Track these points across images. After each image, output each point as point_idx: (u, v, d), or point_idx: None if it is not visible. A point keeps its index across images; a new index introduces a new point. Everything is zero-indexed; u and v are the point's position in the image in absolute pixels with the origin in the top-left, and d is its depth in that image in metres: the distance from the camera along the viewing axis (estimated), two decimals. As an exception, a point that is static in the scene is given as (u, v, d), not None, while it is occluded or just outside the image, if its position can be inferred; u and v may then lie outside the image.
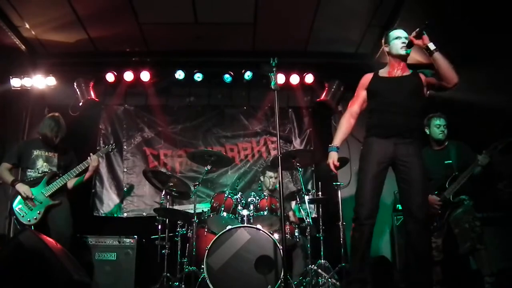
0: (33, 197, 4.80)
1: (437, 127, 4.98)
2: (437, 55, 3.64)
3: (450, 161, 4.90)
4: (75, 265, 4.23)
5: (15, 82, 6.49)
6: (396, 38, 3.85)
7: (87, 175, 5.18)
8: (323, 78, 6.88)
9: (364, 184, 3.70)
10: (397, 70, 3.85)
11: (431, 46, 3.65)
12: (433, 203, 4.76)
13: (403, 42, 3.79)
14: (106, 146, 5.52)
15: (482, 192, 5.55)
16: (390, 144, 3.70)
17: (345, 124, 3.95)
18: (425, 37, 3.67)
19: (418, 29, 3.68)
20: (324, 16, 5.91)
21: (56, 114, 5.27)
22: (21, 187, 4.81)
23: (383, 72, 3.93)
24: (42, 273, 3.69)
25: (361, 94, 3.96)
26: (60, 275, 3.78)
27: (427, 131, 5.03)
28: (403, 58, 3.86)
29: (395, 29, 3.96)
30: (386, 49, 3.94)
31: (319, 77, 6.85)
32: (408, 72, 3.85)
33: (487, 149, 4.70)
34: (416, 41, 3.70)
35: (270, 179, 5.74)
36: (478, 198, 5.34)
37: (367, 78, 3.96)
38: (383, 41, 3.98)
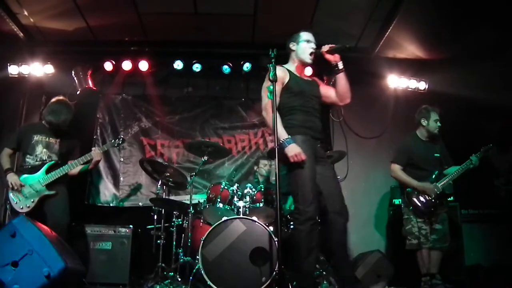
0: (22, 188, 4.68)
1: (436, 121, 4.99)
2: (342, 75, 3.74)
3: (438, 155, 4.97)
4: (70, 253, 4.24)
5: (13, 70, 6.44)
6: (306, 41, 3.87)
7: (90, 167, 5.07)
8: (322, 71, 6.84)
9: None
10: (302, 73, 3.95)
11: (340, 65, 3.75)
12: (431, 192, 4.79)
13: (312, 48, 3.82)
14: (112, 141, 5.31)
15: (478, 188, 5.59)
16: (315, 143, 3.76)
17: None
18: (337, 55, 3.76)
19: (335, 46, 3.72)
20: (324, 10, 5.87)
21: (62, 98, 5.10)
22: (11, 177, 4.71)
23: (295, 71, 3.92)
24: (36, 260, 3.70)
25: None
26: (55, 263, 3.78)
27: (424, 123, 5.03)
28: (305, 64, 3.93)
29: (307, 31, 3.96)
30: (293, 47, 3.94)
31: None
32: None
33: (480, 151, 4.84)
34: (327, 56, 3.73)
35: (264, 166, 5.83)
36: (473, 195, 5.39)
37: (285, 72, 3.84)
38: (291, 39, 3.97)
